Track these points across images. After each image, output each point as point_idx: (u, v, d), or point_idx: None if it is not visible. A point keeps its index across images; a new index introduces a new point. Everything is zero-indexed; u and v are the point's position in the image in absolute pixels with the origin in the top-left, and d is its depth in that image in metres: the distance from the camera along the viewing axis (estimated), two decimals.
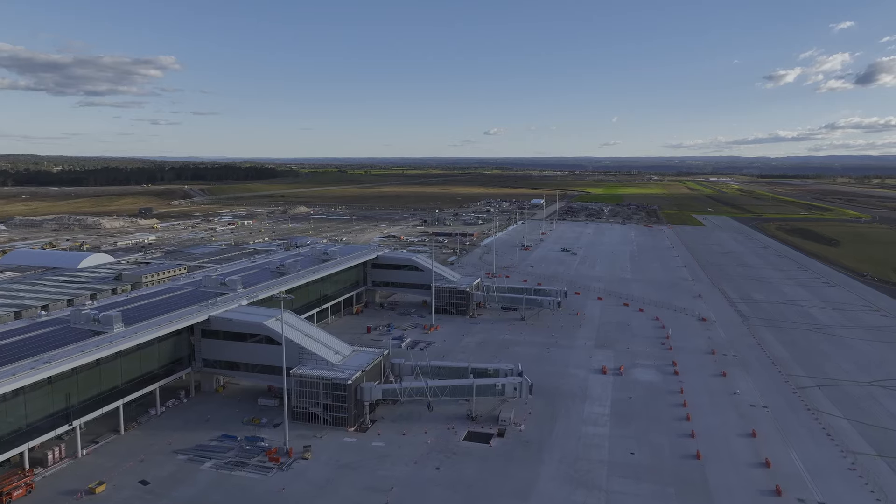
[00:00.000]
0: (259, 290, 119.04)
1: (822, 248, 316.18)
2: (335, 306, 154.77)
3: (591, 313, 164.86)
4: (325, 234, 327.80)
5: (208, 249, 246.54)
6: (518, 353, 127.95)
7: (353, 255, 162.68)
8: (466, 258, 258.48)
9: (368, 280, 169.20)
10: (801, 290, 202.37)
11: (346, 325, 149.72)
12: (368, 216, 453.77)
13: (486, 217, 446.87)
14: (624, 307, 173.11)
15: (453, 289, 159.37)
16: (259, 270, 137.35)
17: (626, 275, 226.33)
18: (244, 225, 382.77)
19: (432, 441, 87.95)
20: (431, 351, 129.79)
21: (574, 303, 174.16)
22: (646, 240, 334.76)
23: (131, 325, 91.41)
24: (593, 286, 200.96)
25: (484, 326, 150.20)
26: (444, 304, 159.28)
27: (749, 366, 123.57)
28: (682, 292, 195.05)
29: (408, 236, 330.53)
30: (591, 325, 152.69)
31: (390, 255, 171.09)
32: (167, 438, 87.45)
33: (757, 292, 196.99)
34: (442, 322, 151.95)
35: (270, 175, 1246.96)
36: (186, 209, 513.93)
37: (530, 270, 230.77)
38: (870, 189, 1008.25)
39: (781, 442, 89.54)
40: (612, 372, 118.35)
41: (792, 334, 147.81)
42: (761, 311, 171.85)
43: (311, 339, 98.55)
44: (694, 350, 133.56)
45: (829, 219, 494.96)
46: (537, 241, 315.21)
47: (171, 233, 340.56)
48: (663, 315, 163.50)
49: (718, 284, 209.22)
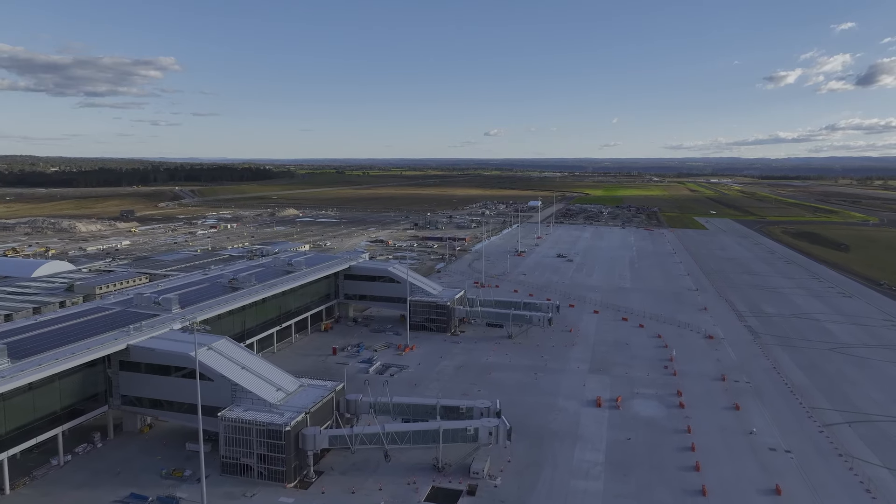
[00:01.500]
0: (199, 310, 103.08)
1: (831, 253, 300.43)
2: (301, 323, 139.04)
3: (586, 329, 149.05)
4: (309, 239, 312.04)
5: (179, 256, 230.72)
6: (501, 381, 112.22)
7: (321, 265, 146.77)
8: (455, 265, 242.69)
9: (340, 293, 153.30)
10: (815, 301, 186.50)
11: (310, 345, 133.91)
12: (359, 219, 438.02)
13: (481, 220, 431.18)
14: (622, 322, 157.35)
15: (433, 303, 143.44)
16: (209, 285, 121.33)
17: (626, 284, 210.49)
18: (227, 228, 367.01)
19: (387, 501, 72.20)
20: (403, 377, 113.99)
21: (568, 317, 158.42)
22: (646, 244, 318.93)
23: (21, 360, 75.37)
24: (589, 297, 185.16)
25: (466, 346, 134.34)
26: (423, 319, 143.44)
27: (765, 395, 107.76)
28: (685, 304, 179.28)
29: (396, 241, 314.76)
30: (585, 344, 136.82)
31: (364, 266, 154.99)
32: (60, 500, 71.58)
33: (767, 304, 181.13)
34: (420, 341, 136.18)
35: (266, 176, 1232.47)
36: (172, 212, 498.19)
37: (522, 279, 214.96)
38: (873, 190, 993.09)
39: (811, 502, 73.79)
40: (607, 404, 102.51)
41: (810, 355, 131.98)
42: (773, 326, 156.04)
43: (247, 373, 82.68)
44: (701, 375, 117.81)
45: (835, 221, 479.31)
46: (532, 247, 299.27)
47: (148, 237, 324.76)
48: (666, 332, 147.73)
49: (725, 295, 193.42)
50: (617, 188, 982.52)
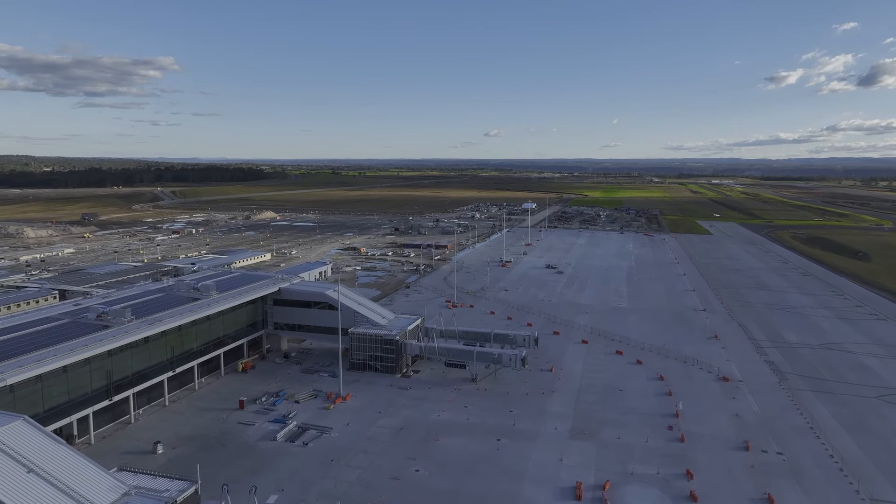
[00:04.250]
0: (22, 364, 74.35)
1: (850, 262, 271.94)
2: (211, 362, 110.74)
3: (570, 368, 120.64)
4: (274, 245, 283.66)
5: (114, 269, 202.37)
6: (450, 453, 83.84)
7: (239, 290, 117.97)
8: (429, 278, 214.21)
9: (269, 321, 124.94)
10: (845, 326, 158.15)
11: (217, 394, 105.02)
12: (339, 223, 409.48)
13: (470, 223, 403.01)
14: (616, 356, 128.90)
15: (378, 336, 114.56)
16: (69, 321, 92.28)
17: (622, 302, 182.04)
18: (192, 233, 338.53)
19: None
20: (320, 447, 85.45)
21: (550, 349, 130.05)
22: (646, 252, 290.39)
23: None
24: (578, 321, 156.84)
25: (416, 393, 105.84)
26: (367, 356, 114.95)
27: (806, 477, 79.36)
28: (692, 329, 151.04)
29: (371, 248, 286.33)
30: (567, 391, 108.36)
31: (297, 289, 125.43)
32: None
33: (788, 330, 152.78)
34: (359, 386, 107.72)
35: (258, 177, 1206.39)
36: (142, 214, 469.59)
37: (503, 296, 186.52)
38: (880, 192, 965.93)
39: None
40: (590, 494, 74.22)
41: (854, 407, 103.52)
42: (801, 362, 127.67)
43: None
44: (716, 440, 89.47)
45: (847, 226, 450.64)
46: (519, 255, 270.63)
47: (100, 243, 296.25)
48: (669, 371, 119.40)
49: (737, 317, 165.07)
50: (616, 189, 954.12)
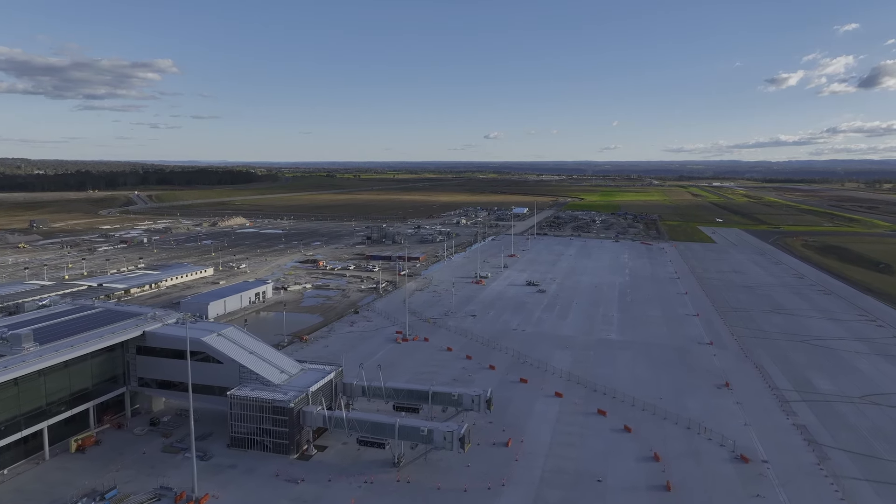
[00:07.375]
0: None
1: (872, 276, 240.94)
2: (28, 441, 79.41)
3: (534, 440, 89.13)
4: (220, 259, 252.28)
5: (13, 289, 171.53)
6: None
7: (81, 336, 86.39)
8: (387, 299, 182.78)
9: (131, 376, 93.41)
10: (887, 365, 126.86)
11: (23, 493, 73.87)
12: (311, 230, 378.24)
13: (454, 230, 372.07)
14: (598, 418, 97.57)
15: (267, 402, 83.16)
16: None
17: (611, 333, 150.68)
18: (142, 243, 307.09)
19: None
20: None
21: (512, 406, 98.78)
22: (642, 265, 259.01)
23: None
24: (555, 361, 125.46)
25: (310, 489, 74.39)
26: (252, 429, 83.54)
27: None
28: (696, 374, 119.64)
29: (335, 260, 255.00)
30: (525, 484, 76.88)
31: (166, 334, 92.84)
32: None
33: (819, 374, 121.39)
34: (232, 475, 76.34)
35: (247, 180, 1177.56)
36: (102, 221, 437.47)
37: (468, 325, 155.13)
38: (885, 195, 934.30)
39: None
40: None
41: None
42: (841, 425, 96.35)
43: None
44: None
45: (860, 232, 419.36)
46: (499, 269, 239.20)
47: (28, 255, 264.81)
48: (668, 444, 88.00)
49: (752, 354, 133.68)
50: (614, 193, 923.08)
